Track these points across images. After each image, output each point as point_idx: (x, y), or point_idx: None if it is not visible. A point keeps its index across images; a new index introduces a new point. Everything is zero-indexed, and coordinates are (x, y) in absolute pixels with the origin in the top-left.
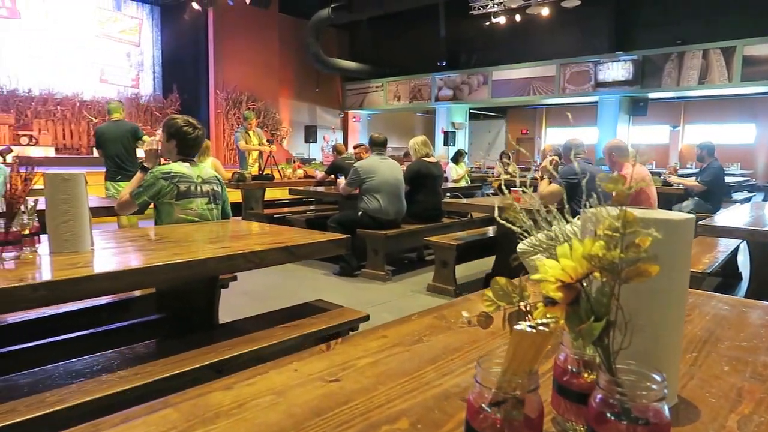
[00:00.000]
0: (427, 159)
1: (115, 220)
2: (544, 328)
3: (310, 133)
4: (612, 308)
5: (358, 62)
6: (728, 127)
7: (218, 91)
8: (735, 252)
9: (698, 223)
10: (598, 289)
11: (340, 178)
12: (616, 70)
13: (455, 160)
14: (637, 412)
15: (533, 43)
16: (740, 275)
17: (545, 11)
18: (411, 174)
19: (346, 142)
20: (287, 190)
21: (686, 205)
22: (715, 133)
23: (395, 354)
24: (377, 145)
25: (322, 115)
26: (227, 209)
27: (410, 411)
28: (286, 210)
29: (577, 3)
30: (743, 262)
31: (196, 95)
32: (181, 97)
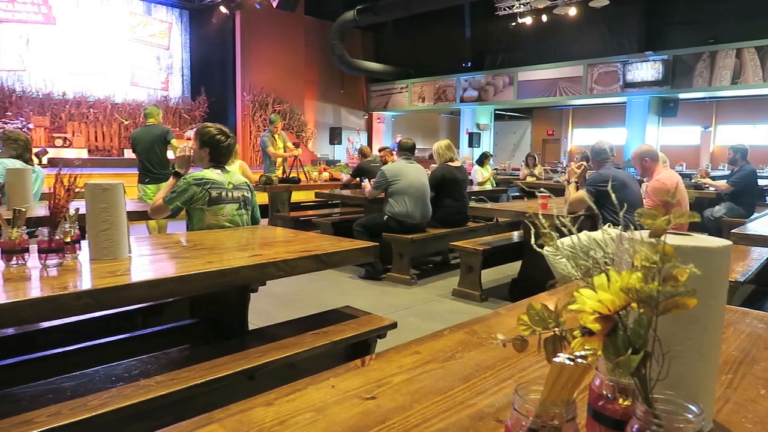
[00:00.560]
0: (451, 163)
1: (143, 223)
2: (583, 361)
3: (335, 135)
4: (649, 339)
5: (383, 63)
6: (762, 128)
7: (245, 94)
8: None
9: (732, 231)
10: (636, 320)
11: (365, 182)
12: (646, 70)
13: (480, 163)
14: None
15: (560, 44)
16: None
17: (572, 11)
18: (435, 180)
19: (370, 144)
20: (313, 192)
21: (718, 210)
22: (748, 134)
23: (429, 371)
24: (406, 149)
25: (346, 117)
26: (256, 214)
27: (447, 431)
28: (312, 213)
29: (606, 2)
30: None
31: (224, 97)
32: (209, 100)
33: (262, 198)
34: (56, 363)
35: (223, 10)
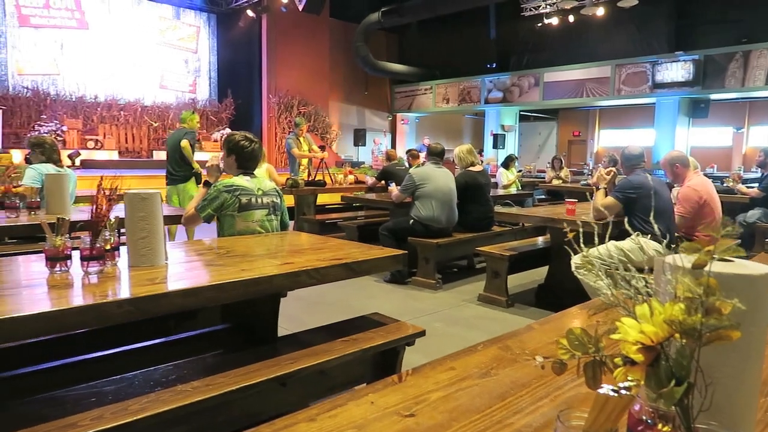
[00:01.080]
0: (472, 168)
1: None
2: (626, 392)
3: (359, 137)
4: (691, 369)
5: (407, 65)
6: None
7: (270, 96)
8: None
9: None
10: (678, 351)
11: (392, 186)
12: (676, 71)
13: (506, 165)
14: None
15: (587, 44)
16: None
17: (600, 11)
18: (459, 188)
19: (394, 145)
20: (338, 194)
21: (751, 215)
22: None
23: (465, 388)
24: (434, 154)
25: (370, 118)
26: (285, 219)
27: None
28: (338, 216)
29: (635, 2)
30: None
31: (250, 100)
32: (236, 102)
33: (288, 201)
34: (96, 367)
35: (250, 13)
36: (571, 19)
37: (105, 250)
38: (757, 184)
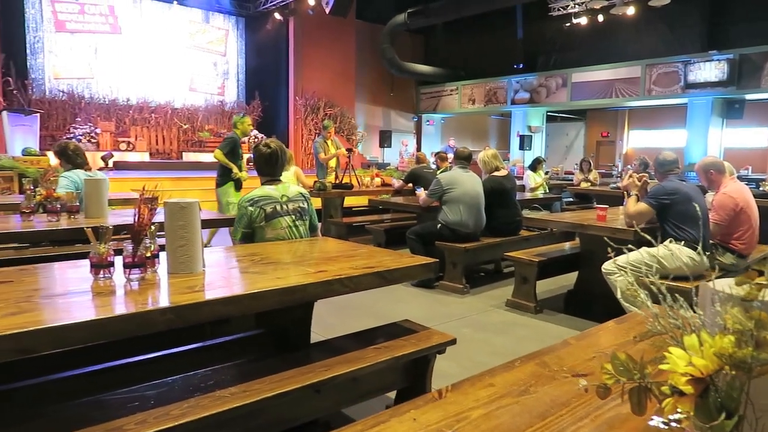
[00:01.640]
0: (497, 173)
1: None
2: (677, 424)
3: (385, 138)
4: (742, 402)
5: (433, 66)
6: None
7: (297, 98)
8: None
9: None
10: (728, 383)
11: (419, 191)
12: (709, 71)
13: (533, 168)
14: None
15: (616, 44)
16: None
17: (630, 10)
18: (484, 193)
19: (419, 146)
20: (365, 197)
21: None
22: None
23: (505, 406)
24: (461, 158)
25: (396, 119)
26: (314, 222)
27: None
28: (364, 219)
29: (667, 1)
30: None
31: (277, 102)
32: (263, 104)
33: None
34: (137, 370)
35: (278, 16)
36: (601, 18)
37: (145, 258)
38: None
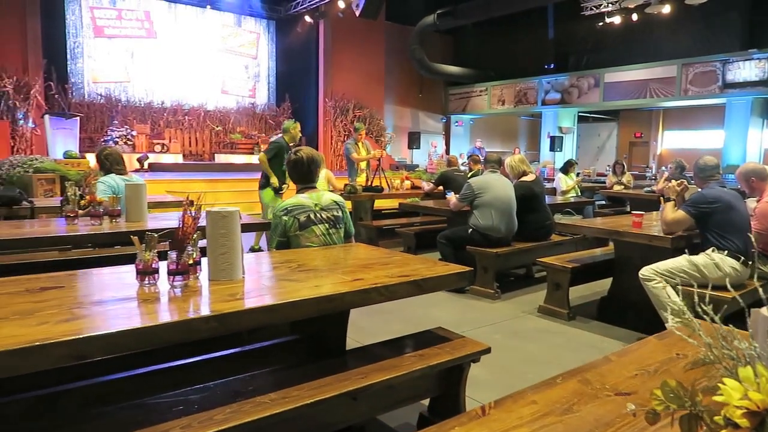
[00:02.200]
0: (525, 178)
1: None
2: None
3: (414, 139)
4: None
5: (462, 66)
6: None
7: (327, 100)
8: None
9: None
10: None
11: (450, 195)
12: (749, 70)
13: (565, 171)
14: None
15: (651, 43)
16: None
17: (666, 9)
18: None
19: (448, 147)
20: (395, 200)
21: None
22: None
23: (549, 425)
24: (492, 162)
25: (424, 120)
26: (349, 230)
27: None
28: (394, 221)
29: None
30: None
31: (306, 104)
32: (293, 106)
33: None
34: (178, 375)
35: (308, 19)
36: (635, 17)
37: (188, 265)
38: None
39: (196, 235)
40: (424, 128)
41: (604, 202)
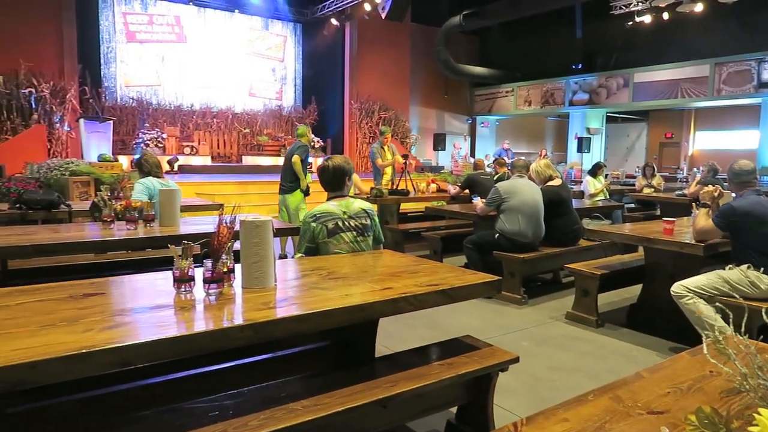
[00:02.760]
0: (551, 183)
1: None
2: None
3: (439, 141)
4: None
5: (488, 67)
6: None
7: (352, 102)
8: None
9: None
10: None
11: (477, 199)
12: None
13: (593, 173)
14: None
15: (682, 42)
16: None
17: (698, 7)
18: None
19: (473, 149)
20: (421, 204)
21: None
22: None
23: None
24: (519, 167)
25: (450, 122)
26: (378, 237)
27: None
28: (419, 225)
29: None
30: None
31: (332, 106)
32: (319, 108)
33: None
34: (212, 380)
35: (334, 22)
36: (666, 16)
37: (223, 273)
38: None
39: (230, 244)
40: (450, 129)
41: (633, 206)
